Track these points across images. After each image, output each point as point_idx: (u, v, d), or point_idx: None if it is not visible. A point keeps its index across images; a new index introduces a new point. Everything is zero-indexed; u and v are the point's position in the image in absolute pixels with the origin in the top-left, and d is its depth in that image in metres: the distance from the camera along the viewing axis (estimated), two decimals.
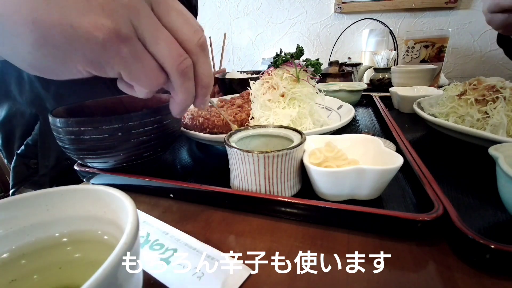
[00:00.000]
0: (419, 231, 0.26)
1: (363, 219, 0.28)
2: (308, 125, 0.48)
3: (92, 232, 0.21)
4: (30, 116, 0.57)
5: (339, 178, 0.30)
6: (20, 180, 0.56)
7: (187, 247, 0.26)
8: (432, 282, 0.22)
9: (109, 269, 0.13)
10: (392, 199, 0.33)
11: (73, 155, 0.38)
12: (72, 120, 0.34)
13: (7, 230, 0.20)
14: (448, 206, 0.27)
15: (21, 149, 0.56)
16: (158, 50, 0.23)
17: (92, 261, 0.21)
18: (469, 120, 0.45)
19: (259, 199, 0.32)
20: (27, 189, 0.60)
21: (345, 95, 0.77)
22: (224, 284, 0.22)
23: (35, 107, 0.56)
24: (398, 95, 0.72)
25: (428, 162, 0.35)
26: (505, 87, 0.44)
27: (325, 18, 1.66)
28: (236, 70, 1.00)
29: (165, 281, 0.23)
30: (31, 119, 0.57)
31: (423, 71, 0.89)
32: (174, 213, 0.34)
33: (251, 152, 0.31)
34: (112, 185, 0.22)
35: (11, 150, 0.58)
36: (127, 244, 0.14)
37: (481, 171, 0.39)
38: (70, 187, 0.21)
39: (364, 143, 0.37)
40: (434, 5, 1.43)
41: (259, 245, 0.28)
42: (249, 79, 0.56)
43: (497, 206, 0.29)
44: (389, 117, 0.57)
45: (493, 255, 0.22)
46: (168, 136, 0.41)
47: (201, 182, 0.35)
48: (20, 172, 0.56)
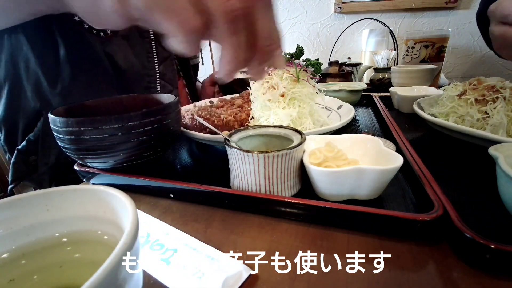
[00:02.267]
0: (419, 231, 0.26)
1: (363, 219, 0.28)
2: (308, 125, 0.48)
3: (92, 232, 0.21)
4: (33, 111, 0.56)
5: (339, 178, 0.30)
6: (18, 177, 0.56)
7: (187, 247, 0.26)
8: (432, 282, 0.22)
9: (109, 269, 0.13)
10: (392, 199, 0.33)
11: (73, 155, 0.38)
12: (72, 120, 0.34)
13: (7, 230, 0.20)
14: (448, 206, 0.27)
15: (22, 144, 0.56)
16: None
17: (92, 261, 0.21)
18: (469, 120, 0.45)
19: (259, 199, 0.32)
20: (26, 184, 0.60)
21: (345, 95, 0.77)
22: (224, 284, 0.22)
23: (40, 102, 0.56)
24: (398, 95, 0.72)
25: (428, 162, 0.35)
26: (505, 87, 0.44)
27: (325, 18, 1.66)
28: None
29: (165, 281, 0.23)
30: (35, 114, 0.56)
31: (423, 71, 0.89)
32: (174, 213, 0.34)
33: (251, 152, 0.31)
34: (112, 185, 0.22)
35: (14, 145, 0.57)
36: (127, 244, 0.14)
37: (481, 171, 0.39)
38: (70, 187, 0.21)
39: (364, 143, 0.37)
40: (434, 5, 1.43)
41: (259, 245, 0.28)
42: (249, 79, 0.56)
43: (497, 206, 0.29)
44: (389, 117, 0.57)
45: (493, 255, 0.22)
46: (168, 136, 0.41)
47: (201, 182, 0.35)
48: (19, 168, 0.56)
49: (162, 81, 0.69)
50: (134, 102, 0.48)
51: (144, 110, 0.36)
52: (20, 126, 0.57)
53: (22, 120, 0.57)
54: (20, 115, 0.57)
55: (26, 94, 0.55)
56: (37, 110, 0.56)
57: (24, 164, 0.56)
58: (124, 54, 0.61)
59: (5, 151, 0.61)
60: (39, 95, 0.55)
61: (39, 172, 0.57)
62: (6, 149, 0.60)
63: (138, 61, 0.63)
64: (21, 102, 0.56)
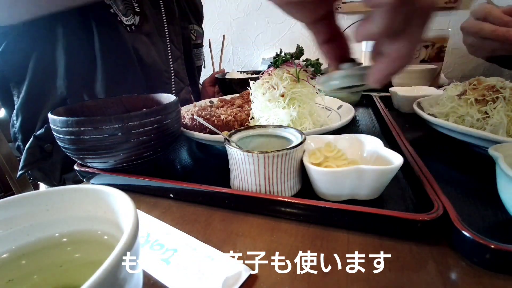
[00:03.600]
0: (419, 231, 0.26)
1: (363, 219, 0.28)
2: (308, 125, 0.48)
3: (92, 232, 0.21)
4: (60, 98, 0.57)
5: (339, 178, 0.30)
6: (31, 162, 0.56)
7: (187, 247, 0.26)
8: (432, 282, 0.22)
9: (109, 269, 0.13)
10: (392, 199, 0.33)
11: (73, 155, 0.38)
12: (72, 120, 0.34)
13: (7, 230, 0.20)
14: (448, 206, 0.27)
15: (40, 131, 0.56)
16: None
17: (92, 261, 0.21)
18: (469, 120, 0.45)
19: (259, 199, 0.32)
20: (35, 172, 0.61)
21: (345, 95, 0.77)
22: (224, 284, 0.22)
23: (67, 90, 0.57)
24: (398, 95, 0.72)
25: (428, 162, 0.35)
26: (505, 87, 0.44)
27: None
28: (236, 70, 1.00)
29: (165, 281, 0.23)
30: (60, 102, 0.58)
31: (423, 71, 0.89)
32: (174, 213, 0.34)
33: (251, 152, 0.31)
34: (112, 185, 0.22)
35: (30, 132, 0.57)
36: (127, 244, 0.14)
37: (481, 171, 0.39)
38: (70, 187, 0.21)
39: (364, 143, 0.37)
40: None
41: (259, 245, 0.28)
42: (249, 79, 0.56)
43: (497, 206, 0.29)
44: (389, 117, 0.57)
45: (493, 255, 0.22)
46: (168, 136, 0.41)
47: (201, 182, 0.35)
48: (33, 153, 0.56)
49: (176, 78, 0.74)
50: (134, 102, 0.48)
51: (144, 110, 0.36)
52: (42, 113, 0.58)
53: (46, 107, 0.58)
54: (44, 103, 0.58)
55: (55, 82, 0.57)
56: (63, 98, 0.57)
57: (39, 150, 0.57)
58: (147, 49, 0.65)
59: (15, 139, 0.62)
60: (69, 83, 0.57)
61: (52, 160, 0.58)
62: (18, 137, 0.61)
63: (158, 57, 0.68)
64: (49, 89, 0.57)
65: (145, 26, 0.64)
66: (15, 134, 0.61)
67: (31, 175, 0.63)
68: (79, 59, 0.57)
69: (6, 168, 0.73)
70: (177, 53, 0.73)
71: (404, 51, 0.22)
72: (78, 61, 0.57)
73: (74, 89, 0.58)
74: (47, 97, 0.57)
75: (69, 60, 0.56)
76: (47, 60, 0.56)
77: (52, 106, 0.57)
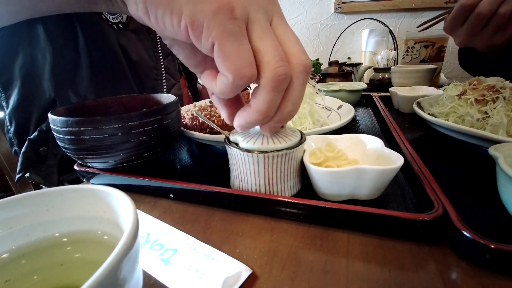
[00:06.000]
0: (419, 231, 0.26)
1: (363, 219, 0.28)
2: (308, 125, 0.48)
3: (92, 232, 0.21)
4: (48, 101, 0.57)
5: (339, 178, 0.30)
6: (27, 166, 0.56)
7: (187, 247, 0.26)
8: (432, 282, 0.22)
9: (109, 269, 0.13)
10: (392, 199, 0.33)
11: (73, 155, 0.38)
12: (72, 120, 0.34)
13: (7, 230, 0.20)
14: (448, 206, 0.27)
15: (34, 135, 0.56)
16: (261, 46, 0.23)
17: (92, 261, 0.21)
18: (469, 120, 0.45)
19: (259, 199, 0.32)
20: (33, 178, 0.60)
21: (345, 95, 0.77)
22: (224, 284, 0.22)
23: (55, 91, 0.56)
24: (398, 95, 0.72)
25: (428, 162, 0.35)
26: (505, 87, 0.44)
27: (325, 18, 1.66)
28: None
29: (165, 281, 0.23)
30: (49, 104, 0.57)
31: (423, 71, 0.89)
32: (174, 213, 0.34)
33: (251, 152, 0.31)
34: (112, 185, 0.22)
35: (25, 136, 0.57)
36: (127, 244, 0.14)
37: (481, 171, 0.39)
38: (70, 187, 0.21)
39: (364, 143, 0.37)
40: (434, 5, 1.43)
41: (259, 245, 0.27)
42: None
43: (497, 206, 0.29)
44: (389, 117, 0.57)
45: (493, 255, 0.22)
46: (168, 136, 0.41)
47: (201, 182, 0.35)
48: (28, 157, 0.56)
49: (167, 74, 0.74)
50: (134, 102, 0.48)
51: (144, 110, 0.36)
52: (33, 116, 0.58)
53: (36, 110, 0.57)
54: (34, 106, 0.57)
55: (42, 84, 0.56)
56: (51, 99, 0.57)
57: (34, 154, 0.56)
58: (135, 47, 0.64)
59: (12, 144, 0.61)
60: (56, 84, 0.56)
61: (48, 163, 0.58)
62: (14, 142, 0.61)
63: (147, 54, 0.68)
64: (36, 92, 0.56)
65: (133, 23, 0.64)
66: (11, 139, 0.61)
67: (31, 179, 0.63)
68: (64, 59, 0.56)
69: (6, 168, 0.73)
70: (167, 50, 0.73)
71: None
72: (62, 61, 0.56)
73: (61, 90, 0.57)
74: (36, 100, 0.57)
75: (53, 61, 0.55)
76: (31, 62, 0.55)
77: (42, 109, 0.57)
